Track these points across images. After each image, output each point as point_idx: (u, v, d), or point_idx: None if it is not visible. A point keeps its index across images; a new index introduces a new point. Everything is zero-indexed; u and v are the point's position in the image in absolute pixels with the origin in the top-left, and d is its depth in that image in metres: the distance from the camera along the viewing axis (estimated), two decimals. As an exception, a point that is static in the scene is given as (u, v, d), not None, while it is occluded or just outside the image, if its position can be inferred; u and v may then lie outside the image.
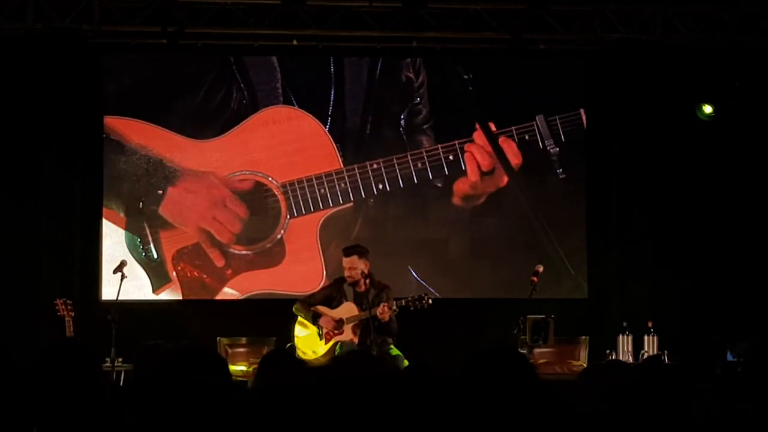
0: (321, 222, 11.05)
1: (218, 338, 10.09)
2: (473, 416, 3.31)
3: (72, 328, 9.15)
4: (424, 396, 3.58)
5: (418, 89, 11.16)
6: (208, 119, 11.03)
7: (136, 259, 10.87)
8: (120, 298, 9.28)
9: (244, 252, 11.03)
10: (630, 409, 3.69)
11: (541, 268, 9.34)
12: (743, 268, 11.05)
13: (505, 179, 11.14)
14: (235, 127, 11.03)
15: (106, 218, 10.89)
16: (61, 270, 10.61)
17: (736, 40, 10.70)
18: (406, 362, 8.87)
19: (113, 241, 10.88)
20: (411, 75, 11.17)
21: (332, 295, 9.37)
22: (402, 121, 11.16)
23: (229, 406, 3.26)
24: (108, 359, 9.01)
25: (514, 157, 11.12)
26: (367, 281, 9.18)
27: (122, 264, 9.46)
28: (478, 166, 11.11)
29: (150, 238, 10.92)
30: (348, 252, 9.30)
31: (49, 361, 3.63)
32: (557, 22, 10.72)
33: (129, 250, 10.88)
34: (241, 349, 10.09)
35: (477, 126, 11.13)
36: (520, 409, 3.33)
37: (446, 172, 11.13)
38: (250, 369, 9.41)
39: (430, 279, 11.05)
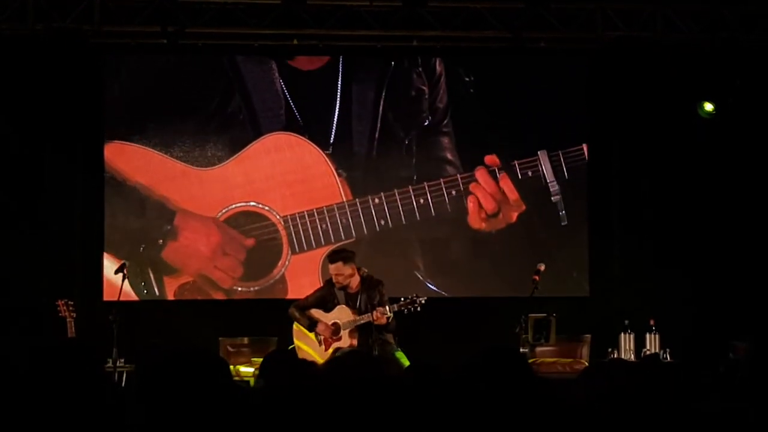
0: (323, 258, 10.95)
1: (220, 338, 10.08)
2: (473, 416, 3.31)
3: (74, 329, 9.15)
4: (424, 396, 3.58)
5: (432, 103, 11.07)
6: (211, 132, 10.96)
7: (138, 295, 10.80)
8: (124, 295, 9.28)
9: (246, 289, 11.00)
10: (631, 407, 3.69)
11: (542, 267, 9.35)
12: (745, 266, 11.05)
13: (514, 216, 11.11)
14: (236, 155, 10.96)
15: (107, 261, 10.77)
16: (63, 271, 10.60)
17: (737, 38, 10.69)
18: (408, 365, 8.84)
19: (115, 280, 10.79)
20: (424, 87, 11.12)
21: (325, 297, 9.29)
22: (407, 142, 11.10)
23: (230, 406, 3.26)
24: (110, 360, 9.01)
25: (511, 193, 11.06)
26: (357, 282, 9.16)
27: (124, 265, 9.46)
28: (481, 210, 11.05)
29: (152, 277, 10.87)
30: (333, 258, 9.22)
31: (51, 361, 3.63)
32: (558, 20, 10.72)
33: (132, 286, 10.73)
34: (243, 350, 10.09)
35: (485, 161, 11.08)
36: (519, 409, 3.33)
37: (448, 209, 11.06)
38: (252, 369, 9.40)
39: (432, 278, 11.04)
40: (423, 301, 9.02)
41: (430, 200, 11.05)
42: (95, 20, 10.40)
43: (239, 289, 10.99)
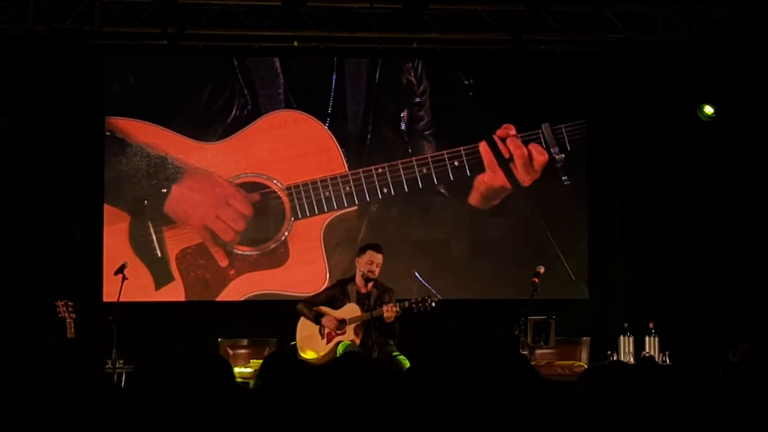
0: (325, 224, 11.05)
1: (219, 339, 10.09)
2: (475, 417, 3.31)
3: (73, 330, 9.15)
4: (425, 397, 3.58)
5: (421, 95, 11.16)
6: (211, 123, 11.02)
7: (139, 257, 10.87)
8: (121, 299, 9.29)
9: (248, 252, 11.04)
10: (630, 409, 3.69)
11: (542, 269, 9.36)
12: (745, 268, 11.05)
13: (527, 179, 11.17)
14: (239, 131, 11.03)
15: (110, 216, 10.88)
16: (63, 271, 10.61)
17: (738, 40, 10.70)
18: (408, 366, 8.85)
19: (117, 239, 10.88)
20: (412, 78, 11.17)
21: (335, 295, 9.39)
22: (403, 125, 11.16)
23: (231, 407, 3.26)
24: (109, 361, 9.01)
25: (540, 154, 11.11)
26: (371, 283, 9.20)
27: (123, 266, 9.47)
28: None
29: (154, 237, 10.92)
30: (379, 249, 9.29)
31: (51, 362, 3.63)
32: (558, 22, 10.72)
33: (133, 247, 10.88)
34: (243, 351, 10.10)
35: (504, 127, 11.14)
36: (520, 410, 3.33)
37: (451, 178, 11.12)
38: (247, 370, 9.41)
39: (432, 279, 11.05)
40: (434, 303, 9.06)
41: (432, 170, 11.08)
42: (95, 21, 10.40)
43: (239, 252, 10.99)
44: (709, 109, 10.88)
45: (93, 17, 10.40)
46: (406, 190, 11.12)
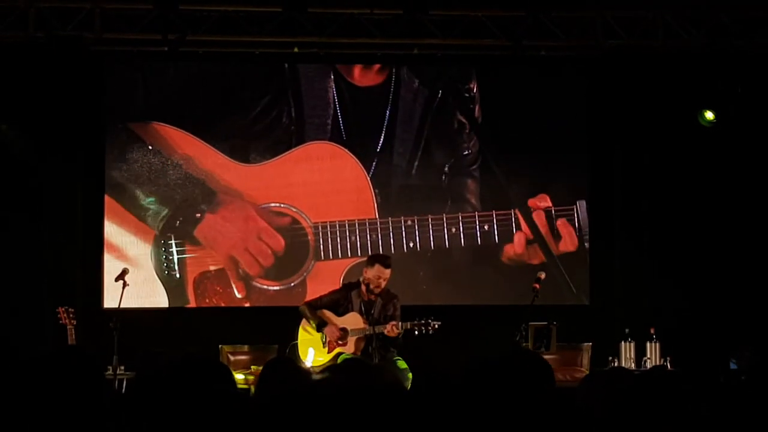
0: (346, 270, 10.94)
1: (220, 346, 10.09)
2: (488, 419, 3.31)
3: (74, 336, 9.15)
4: (430, 404, 3.57)
5: (469, 137, 11.12)
6: (252, 140, 10.98)
7: (156, 273, 10.85)
8: (124, 305, 9.29)
9: (266, 287, 11.00)
10: (632, 415, 3.68)
11: (543, 275, 9.35)
12: (746, 275, 11.03)
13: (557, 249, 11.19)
14: (277, 156, 10.98)
15: (137, 229, 10.84)
16: (64, 278, 10.60)
17: (738, 45, 10.70)
18: (410, 375, 8.83)
19: (138, 251, 10.85)
20: (464, 120, 11.13)
21: (340, 301, 9.32)
22: (446, 172, 11.12)
23: (230, 414, 3.26)
24: (110, 367, 9.01)
25: (569, 236, 11.13)
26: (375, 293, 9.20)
27: (124, 271, 9.46)
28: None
29: (175, 257, 10.89)
30: (388, 264, 9.20)
31: (51, 368, 3.62)
32: (558, 28, 10.73)
33: (153, 262, 10.85)
34: (243, 357, 10.09)
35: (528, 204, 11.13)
36: (537, 412, 3.33)
37: (479, 242, 11.09)
38: (252, 377, 9.40)
39: (433, 286, 11.04)
40: (437, 326, 9.02)
41: (461, 231, 11.03)
42: (96, 28, 10.41)
43: (259, 286, 10.96)
44: (709, 115, 10.87)
45: (93, 24, 10.41)
46: (432, 248, 11.04)
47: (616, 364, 9.89)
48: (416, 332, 9.00)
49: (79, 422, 3.52)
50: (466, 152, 11.15)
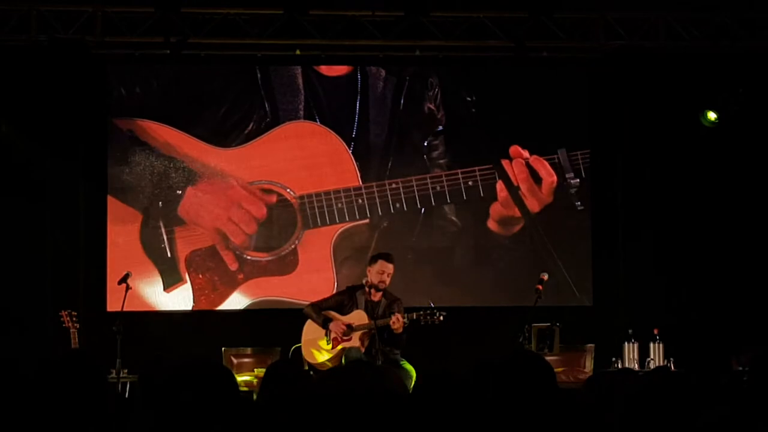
0: (336, 235, 11.05)
1: (223, 348, 10.09)
2: (491, 421, 3.31)
3: (77, 340, 9.15)
4: (434, 406, 3.57)
5: (439, 123, 11.16)
6: (230, 132, 11.02)
7: (149, 257, 10.89)
8: (126, 307, 9.29)
9: (257, 258, 11.04)
10: (636, 417, 3.68)
11: (545, 276, 9.35)
12: (749, 274, 11.02)
13: (537, 206, 11.16)
14: (257, 138, 11.05)
15: (123, 216, 10.88)
16: (67, 281, 10.61)
17: (739, 45, 10.69)
18: (414, 374, 8.85)
19: (128, 238, 10.88)
20: (433, 108, 11.16)
21: (343, 301, 9.37)
22: (425, 149, 11.16)
23: (234, 417, 3.26)
24: (113, 370, 9.01)
25: (548, 175, 11.11)
26: (380, 292, 9.21)
27: (127, 275, 9.47)
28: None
29: (165, 237, 10.93)
30: (391, 259, 9.29)
31: (55, 371, 3.63)
32: (560, 29, 10.73)
33: (144, 247, 10.89)
34: (246, 360, 10.09)
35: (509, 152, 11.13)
36: (542, 414, 3.33)
37: (464, 197, 11.13)
38: (255, 379, 9.40)
39: (435, 287, 11.03)
40: (442, 317, 9.05)
41: (446, 188, 11.08)
42: (98, 31, 10.42)
43: (249, 257, 11.00)
44: (712, 115, 10.87)
45: (95, 27, 10.42)
46: (419, 206, 11.11)
47: (619, 365, 9.88)
48: (422, 322, 9.04)
49: (83, 426, 3.52)
50: (437, 139, 11.16)
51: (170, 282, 10.97)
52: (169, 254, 10.96)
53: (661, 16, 10.77)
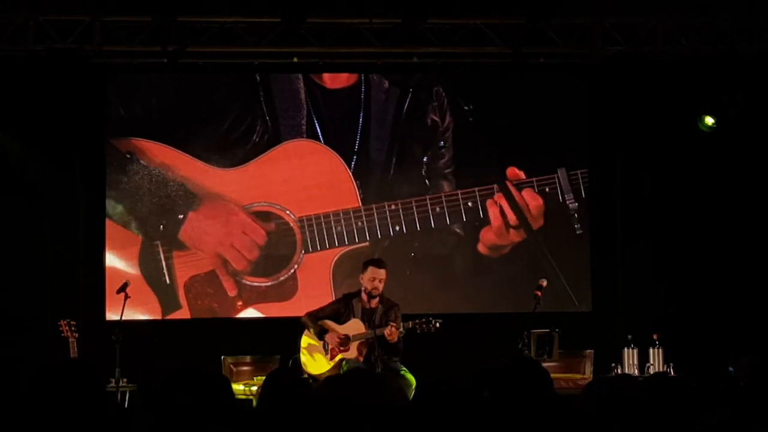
0: (335, 259, 11.01)
1: (222, 357, 10.08)
2: (494, 427, 3.31)
3: (76, 350, 9.15)
4: (434, 412, 3.57)
5: (443, 133, 11.15)
6: (231, 148, 11.00)
7: (147, 282, 10.85)
8: (126, 318, 9.28)
9: (257, 283, 11.01)
10: (636, 422, 3.67)
11: (544, 282, 9.36)
12: (748, 279, 11.02)
13: (524, 233, 11.17)
14: (256, 158, 11.00)
15: (122, 239, 10.86)
16: (66, 291, 10.60)
17: (737, 51, 10.69)
18: (414, 383, 8.82)
19: (128, 263, 10.85)
20: (437, 118, 11.16)
21: (340, 310, 9.35)
22: (424, 164, 11.14)
23: (231, 425, 3.25)
24: (112, 379, 9.00)
25: (533, 200, 11.10)
26: (376, 299, 9.20)
27: (125, 284, 9.47)
28: (504, 217, 11.08)
29: (164, 263, 10.88)
30: (381, 264, 9.28)
31: (54, 380, 3.62)
32: (557, 35, 10.73)
33: (142, 272, 10.85)
34: (246, 368, 10.09)
35: (507, 174, 11.13)
36: (537, 420, 3.32)
37: (464, 219, 11.11)
38: (254, 388, 9.40)
39: (434, 294, 11.03)
40: (438, 324, 9.03)
41: (446, 209, 11.06)
42: (95, 40, 10.42)
43: (248, 283, 10.96)
44: (710, 120, 10.86)
45: (93, 36, 10.42)
46: (419, 229, 11.08)
47: (619, 371, 9.88)
48: (418, 331, 9.02)
49: (81, 435, 3.51)
50: (442, 149, 11.16)
51: (169, 309, 10.92)
52: (167, 280, 10.90)
53: (659, 21, 10.77)
